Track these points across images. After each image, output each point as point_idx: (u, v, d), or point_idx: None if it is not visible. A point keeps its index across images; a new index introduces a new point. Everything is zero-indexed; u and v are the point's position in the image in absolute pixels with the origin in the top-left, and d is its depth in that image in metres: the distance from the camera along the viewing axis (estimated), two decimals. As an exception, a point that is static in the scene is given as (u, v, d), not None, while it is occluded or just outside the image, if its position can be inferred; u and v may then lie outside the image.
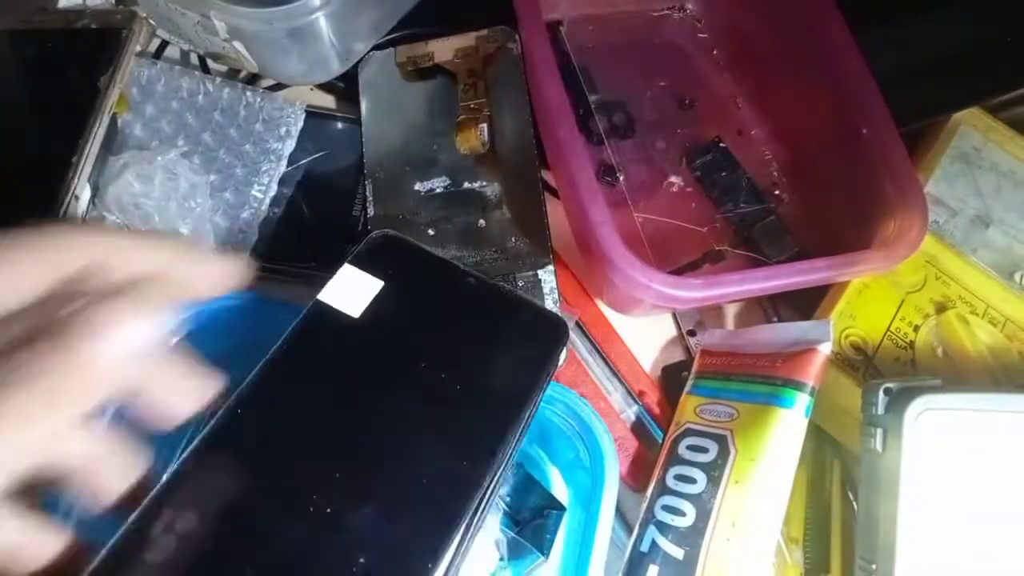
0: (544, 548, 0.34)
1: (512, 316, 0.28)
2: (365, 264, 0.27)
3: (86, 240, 0.21)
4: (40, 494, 0.19)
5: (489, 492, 0.24)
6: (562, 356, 0.28)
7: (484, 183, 0.43)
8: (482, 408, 0.25)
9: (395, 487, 0.23)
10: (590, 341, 0.42)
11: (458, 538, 0.22)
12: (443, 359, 0.26)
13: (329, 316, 0.26)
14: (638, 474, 0.39)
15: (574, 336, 0.42)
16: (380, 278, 0.27)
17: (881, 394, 0.33)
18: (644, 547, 0.35)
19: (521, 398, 0.26)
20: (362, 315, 0.26)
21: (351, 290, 0.26)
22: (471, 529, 0.23)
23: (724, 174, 0.45)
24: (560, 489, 0.37)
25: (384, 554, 0.22)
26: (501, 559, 0.35)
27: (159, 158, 0.39)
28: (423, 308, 0.27)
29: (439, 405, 0.25)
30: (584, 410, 0.33)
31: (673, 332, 0.45)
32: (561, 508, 0.35)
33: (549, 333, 0.27)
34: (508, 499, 0.35)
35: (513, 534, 0.34)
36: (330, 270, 0.40)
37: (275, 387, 0.24)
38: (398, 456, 0.24)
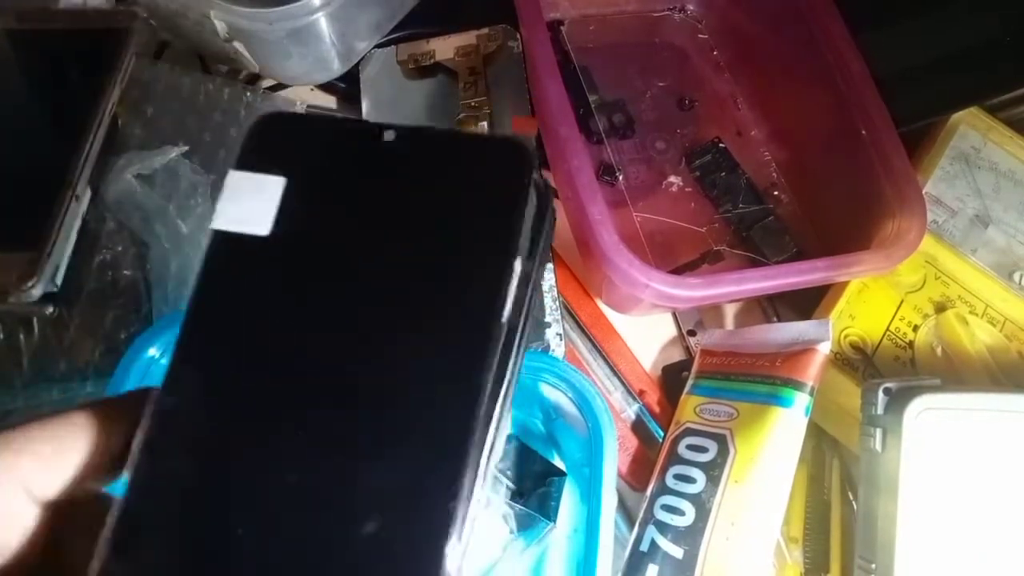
0: (551, 514, 0.34)
1: (456, 160, 0.22)
2: (256, 163, 0.21)
3: None
4: None
5: (503, 385, 0.20)
6: (534, 198, 0.21)
7: (484, 182, 0.43)
8: (458, 289, 0.20)
9: (383, 422, 0.19)
10: (590, 341, 0.42)
11: (476, 464, 0.18)
12: (389, 240, 0.21)
13: (233, 246, 0.20)
14: (638, 473, 0.39)
15: (574, 336, 0.42)
16: (279, 173, 0.21)
17: (880, 394, 0.33)
18: (644, 547, 0.35)
19: (501, 250, 0.20)
20: (274, 229, 0.20)
21: (248, 202, 0.21)
22: (488, 454, 0.19)
23: (723, 174, 0.46)
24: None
25: (392, 504, 0.18)
26: (511, 532, 0.35)
27: (160, 158, 0.39)
28: (344, 189, 0.21)
29: (404, 305, 0.20)
30: (576, 376, 0.34)
31: (673, 332, 0.45)
32: (561, 473, 0.35)
33: (507, 162, 0.21)
34: (509, 473, 0.36)
35: (519, 506, 0.35)
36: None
37: (203, 356, 0.20)
38: (376, 386, 0.19)
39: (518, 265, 0.20)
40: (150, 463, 0.18)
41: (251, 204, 0.21)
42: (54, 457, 0.18)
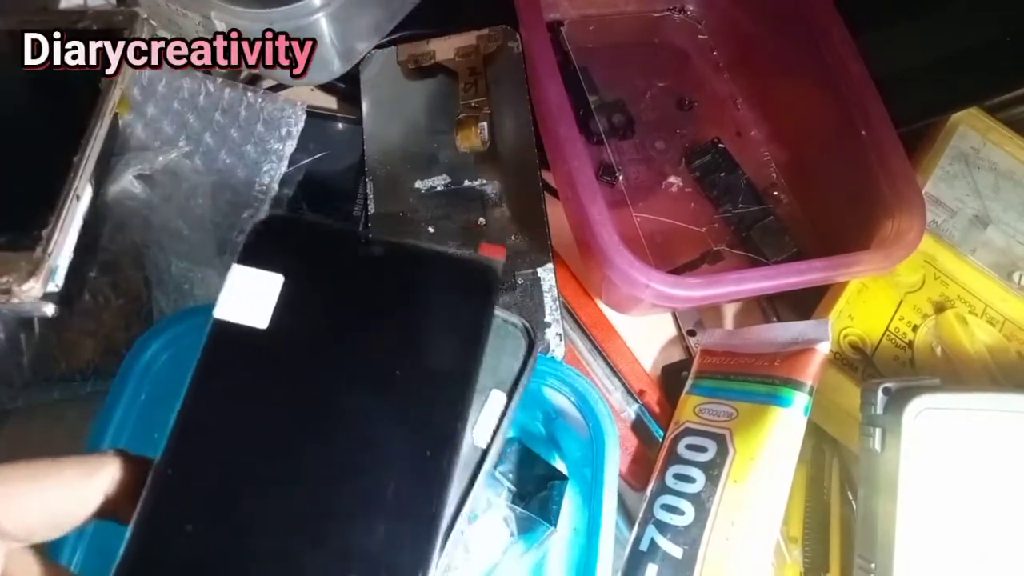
0: (551, 518, 0.34)
1: (432, 274, 0.24)
2: (257, 259, 0.23)
3: None
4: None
5: (472, 475, 0.23)
6: (497, 305, 0.24)
7: (484, 181, 0.43)
8: (428, 388, 0.22)
9: (359, 504, 0.21)
10: (590, 341, 0.43)
11: (441, 536, 0.21)
12: (371, 345, 0.23)
13: (234, 335, 0.22)
14: (638, 473, 0.40)
15: (574, 336, 0.43)
16: (278, 271, 0.23)
17: (880, 394, 0.33)
18: (643, 546, 0.35)
19: (466, 364, 0.23)
20: (271, 323, 0.22)
21: (249, 295, 0.23)
22: (456, 522, 0.22)
23: (723, 175, 0.46)
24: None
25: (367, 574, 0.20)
26: (512, 535, 0.35)
27: (160, 158, 0.39)
28: (334, 293, 0.24)
29: (381, 399, 0.22)
30: (579, 381, 0.34)
31: (673, 332, 0.45)
32: (563, 477, 0.35)
33: (477, 282, 0.24)
34: (511, 476, 0.36)
35: (520, 509, 0.35)
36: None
37: (200, 433, 0.21)
38: (354, 470, 0.21)
39: (501, 397, 0.24)
40: (148, 525, 0.20)
41: (252, 298, 0.23)
42: (24, 496, 0.19)
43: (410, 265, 0.24)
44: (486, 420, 0.24)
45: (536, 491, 0.35)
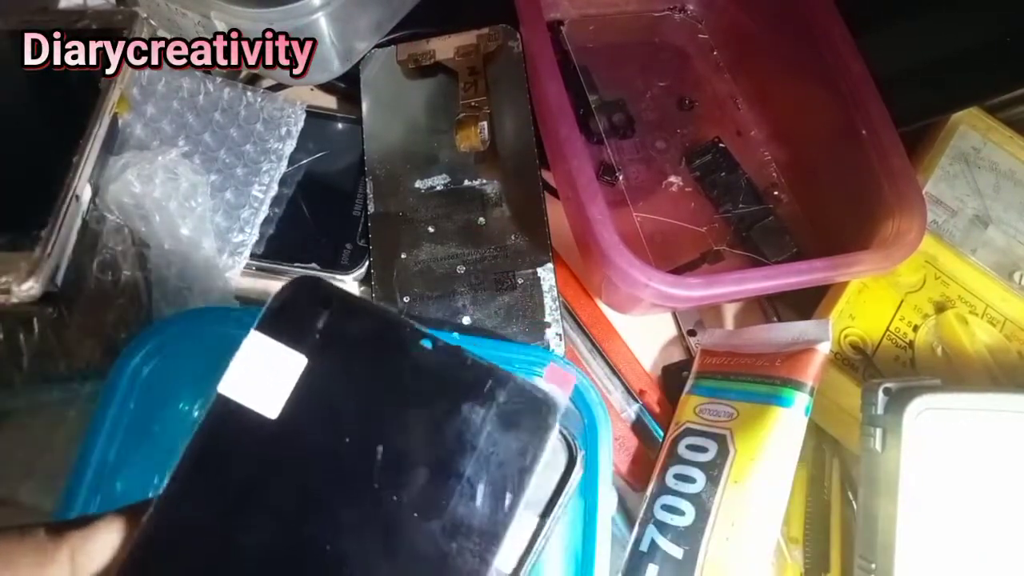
0: None
1: (482, 397, 0.20)
2: (281, 331, 0.19)
3: None
4: None
5: None
6: (547, 450, 0.20)
7: (484, 181, 0.43)
8: (450, 540, 0.19)
9: None
10: (590, 341, 0.42)
11: None
12: (392, 474, 0.19)
13: (235, 421, 0.18)
14: (639, 473, 0.39)
15: (574, 336, 0.43)
16: (302, 351, 0.19)
17: (880, 394, 0.33)
18: (644, 546, 0.35)
19: (498, 518, 0.19)
20: (282, 414, 0.19)
21: (263, 374, 0.19)
22: None
23: (723, 174, 0.46)
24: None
25: None
26: None
27: (160, 158, 0.39)
28: (361, 394, 0.20)
29: (392, 545, 0.19)
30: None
31: (673, 332, 0.45)
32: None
33: (532, 419, 0.20)
34: None
35: None
36: (331, 271, 0.41)
37: (173, 540, 0.18)
38: None
39: (532, 519, 0.21)
40: None
41: (266, 378, 0.19)
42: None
43: (459, 379, 0.20)
44: (512, 544, 0.21)
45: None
